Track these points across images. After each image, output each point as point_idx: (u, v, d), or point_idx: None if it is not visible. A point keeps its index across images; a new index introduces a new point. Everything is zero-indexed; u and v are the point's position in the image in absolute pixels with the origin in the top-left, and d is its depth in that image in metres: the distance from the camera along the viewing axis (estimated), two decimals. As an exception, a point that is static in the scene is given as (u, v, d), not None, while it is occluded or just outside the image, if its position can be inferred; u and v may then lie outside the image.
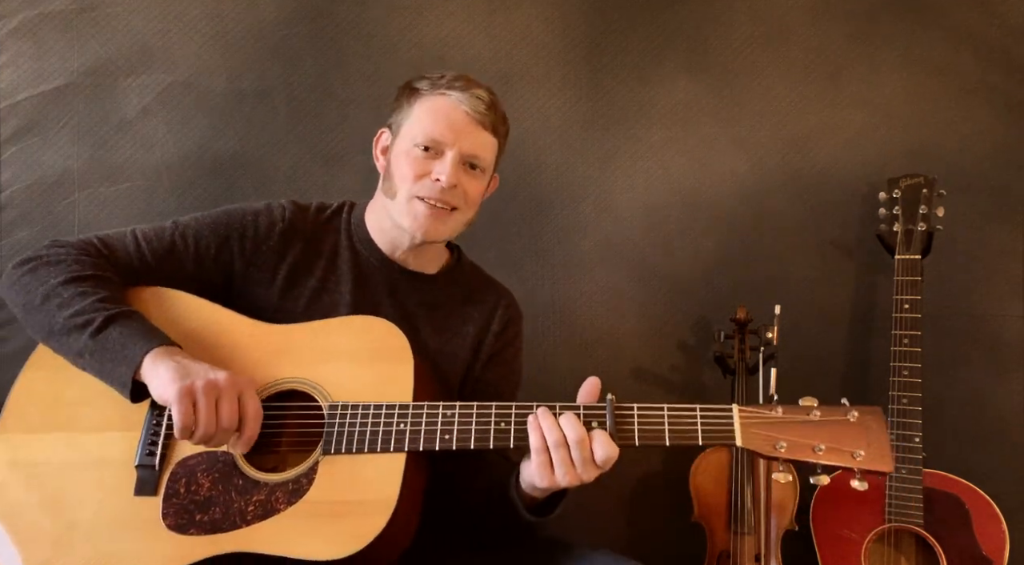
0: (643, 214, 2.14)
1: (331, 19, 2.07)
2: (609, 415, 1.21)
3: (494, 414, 1.24)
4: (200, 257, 1.41)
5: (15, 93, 2.00)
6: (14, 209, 2.00)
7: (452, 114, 1.40)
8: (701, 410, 1.21)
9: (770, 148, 2.15)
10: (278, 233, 1.44)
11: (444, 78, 1.43)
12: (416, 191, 1.39)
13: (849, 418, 1.18)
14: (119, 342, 1.22)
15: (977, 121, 2.14)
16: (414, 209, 1.40)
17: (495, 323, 1.53)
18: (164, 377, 1.19)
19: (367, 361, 1.31)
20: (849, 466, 1.16)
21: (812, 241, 2.14)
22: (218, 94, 2.04)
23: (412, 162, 1.39)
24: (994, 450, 2.09)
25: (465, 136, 1.40)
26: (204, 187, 2.04)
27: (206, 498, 1.23)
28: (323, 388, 1.29)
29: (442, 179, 1.38)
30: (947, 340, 2.09)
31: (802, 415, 1.19)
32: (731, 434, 1.19)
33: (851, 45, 2.15)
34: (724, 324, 2.01)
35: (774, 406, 1.20)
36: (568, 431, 1.18)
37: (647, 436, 1.21)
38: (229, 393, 1.20)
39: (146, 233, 1.41)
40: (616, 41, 2.13)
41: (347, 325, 1.36)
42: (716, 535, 1.92)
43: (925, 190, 1.94)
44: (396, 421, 1.24)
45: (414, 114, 1.42)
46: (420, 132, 1.40)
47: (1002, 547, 1.77)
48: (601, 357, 2.12)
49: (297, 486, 1.22)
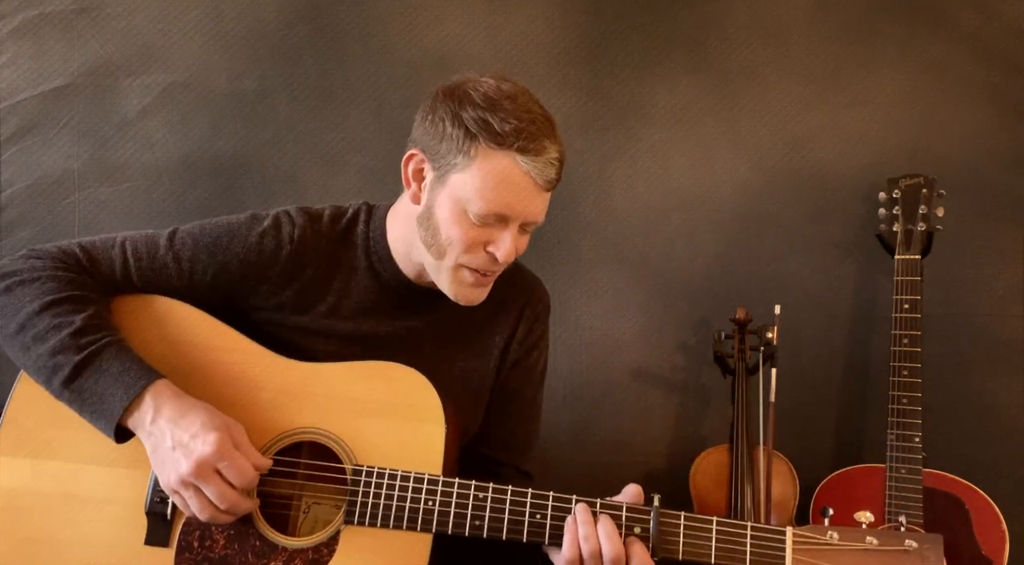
0: (643, 214, 2.14)
1: (331, 19, 2.07)
2: (653, 522, 1.13)
3: (529, 503, 1.16)
4: (195, 282, 1.28)
5: (15, 93, 2.00)
6: (14, 209, 2.00)
7: (522, 185, 1.18)
8: (752, 529, 1.13)
9: (770, 148, 2.15)
10: (285, 257, 1.30)
11: (509, 123, 1.16)
12: (465, 261, 1.23)
13: (907, 548, 1.11)
14: (94, 393, 1.14)
15: (977, 121, 2.14)
16: (460, 277, 1.25)
17: (520, 329, 1.42)
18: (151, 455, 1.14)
19: (395, 417, 1.22)
20: None
21: (812, 241, 2.14)
22: (218, 94, 2.04)
23: (467, 229, 1.20)
24: (994, 450, 2.09)
25: (531, 206, 1.21)
26: (204, 187, 2.04)
27: (221, 557, 1.18)
28: (346, 444, 1.21)
29: (499, 255, 1.21)
30: (947, 340, 2.08)
31: (859, 541, 1.12)
32: (782, 560, 1.11)
33: (851, 45, 2.15)
34: (724, 324, 2.01)
35: (828, 528, 1.13)
36: (605, 545, 1.10)
37: (692, 550, 1.13)
38: (204, 480, 1.11)
39: (137, 248, 1.28)
40: (616, 41, 2.13)
41: (375, 372, 1.25)
42: (716, 535, 1.91)
43: (925, 190, 1.93)
44: (424, 498, 1.17)
45: (473, 171, 1.17)
46: (482, 202, 1.18)
47: (1002, 547, 1.77)
48: (601, 357, 2.11)
49: (318, 556, 1.17)
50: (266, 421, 1.22)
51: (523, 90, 1.24)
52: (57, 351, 1.15)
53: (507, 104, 1.19)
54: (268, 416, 1.22)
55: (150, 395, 1.14)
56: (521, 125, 1.16)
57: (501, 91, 1.21)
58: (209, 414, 1.15)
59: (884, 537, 1.12)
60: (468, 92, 1.21)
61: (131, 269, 1.27)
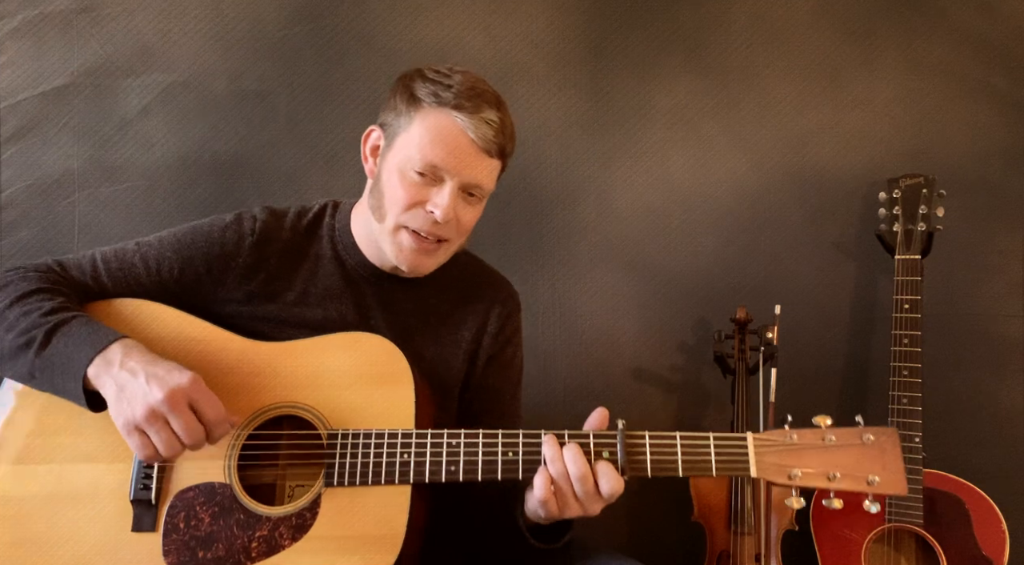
0: (643, 214, 2.14)
1: (331, 19, 2.07)
2: (620, 445, 1.16)
3: (501, 443, 1.19)
4: (163, 280, 1.32)
5: (15, 93, 2.00)
6: (14, 209, 2.00)
7: (456, 140, 1.25)
8: (715, 439, 1.17)
9: (770, 148, 2.15)
10: (248, 247, 1.34)
11: (451, 88, 1.26)
12: (405, 220, 1.28)
13: (864, 441, 1.16)
14: (64, 355, 1.15)
15: (977, 121, 2.14)
16: (400, 240, 1.30)
17: (491, 324, 1.45)
18: (109, 402, 1.13)
19: (366, 384, 1.25)
20: (863, 491, 1.15)
21: (812, 241, 2.14)
22: (218, 94, 2.04)
23: (406, 186, 1.27)
24: (994, 450, 2.09)
25: (468, 166, 1.26)
26: (204, 187, 2.04)
27: (207, 534, 1.19)
28: (320, 414, 1.24)
29: (437, 212, 1.26)
30: (947, 340, 2.09)
31: (817, 439, 1.16)
32: (746, 464, 1.16)
33: (851, 45, 2.15)
34: (724, 324, 2.01)
35: (788, 431, 1.17)
36: (571, 466, 1.14)
37: (660, 466, 1.17)
38: (177, 410, 1.11)
39: (106, 256, 1.33)
40: (616, 41, 2.13)
41: (343, 344, 1.28)
42: (716, 535, 1.92)
43: (925, 190, 1.94)
44: (400, 451, 1.20)
45: (413, 129, 1.27)
46: (418, 154, 1.25)
47: (1002, 547, 1.77)
48: (601, 357, 2.12)
49: (301, 521, 1.19)
50: (241, 402, 1.25)
51: (479, 77, 1.31)
52: (28, 329, 1.17)
53: (456, 78, 1.28)
54: (243, 397, 1.25)
55: (119, 345, 1.15)
56: (462, 90, 1.26)
57: (454, 71, 1.30)
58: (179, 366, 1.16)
59: (841, 434, 1.16)
60: (422, 70, 1.31)
61: (101, 272, 1.31)
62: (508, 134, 1.30)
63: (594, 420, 1.21)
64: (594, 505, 1.16)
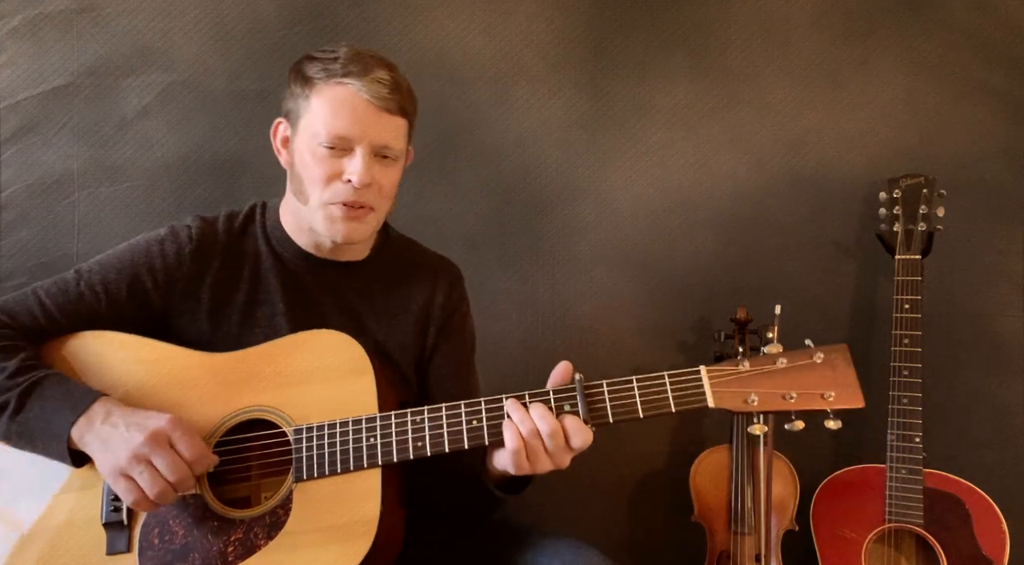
0: (643, 214, 2.14)
1: (331, 19, 2.06)
2: (580, 397, 1.19)
3: (464, 412, 1.21)
4: (113, 302, 1.32)
5: (15, 93, 2.00)
6: (14, 209, 2.00)
7: (354, 105, 1.27)
8: (669, 376, 1.20)
9: (770, 148, 2.15)
10: (188, 255, 1.36)
11: (337, 60, 1.29)
12: (327, 197, 1.30)
13: (815, 360, 1.18)
14: (42, 419, 1.18)
15: (977, 121, 2.14)
16: (329, 214, 1.31)
17: (437, 295, 1.47)
18: (95, 456, 1.16)
19: (325, 378, 1.26)
20: (821, 408, 1.16)
21: (812, 241, 2.14)
22: (218, 94, 2.04)
23: (319, 163, 1.29)
24: (994, 450, 2.09)
25: (372, 127, 1.28)
26: (204, 187, 2.03)
27: (182, 546, 1.19)
28: (284, 413, 1.25)
29: (354, 179, 1.28)
30: (947, 340, 2.09)
31: (768, 364, 1.19)
32: (702, 396, 1.18)
33: (851, 45, 2.15)
34: (724, 324, 2.01)
35: (740, 360, 1.19)
36: (540, 424, 1.16)
37: (620, 412, 1.19)
38: (158, 449, 1.14)
39: (48, 290, 1.32)
40: (616, 41, 2.13)
41: (299, 343, 1.29)
42: (716, 535, 1.92)
43: (925, 190, 1.94)
44: (365, 436, 1.21)
45: (312, 107, 1.29)
46: (323, 129, 1.28)
47: (1002, 547, 1.77)
48: (601, 357, 2.11)
49: (275, 519, 1.19)
50: (207, 413, 1.26)
51: (365, 48, 1.34)
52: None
53: (341, 51, 1.31)
54: (208, 408, 1.26)
55: (100, 405, 1.19)
56: (348, 58, 1.29)
57: (339, 46, 1.33)
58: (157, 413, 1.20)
59: (792, 356, 1.19)
60: (309, 53, 1.34)
61: (51, 310, 1.31)
62: (404, 91, 1.32)
63: (557, 374, 1.23)
64: (564, 458, 1.19)
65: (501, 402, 1.20)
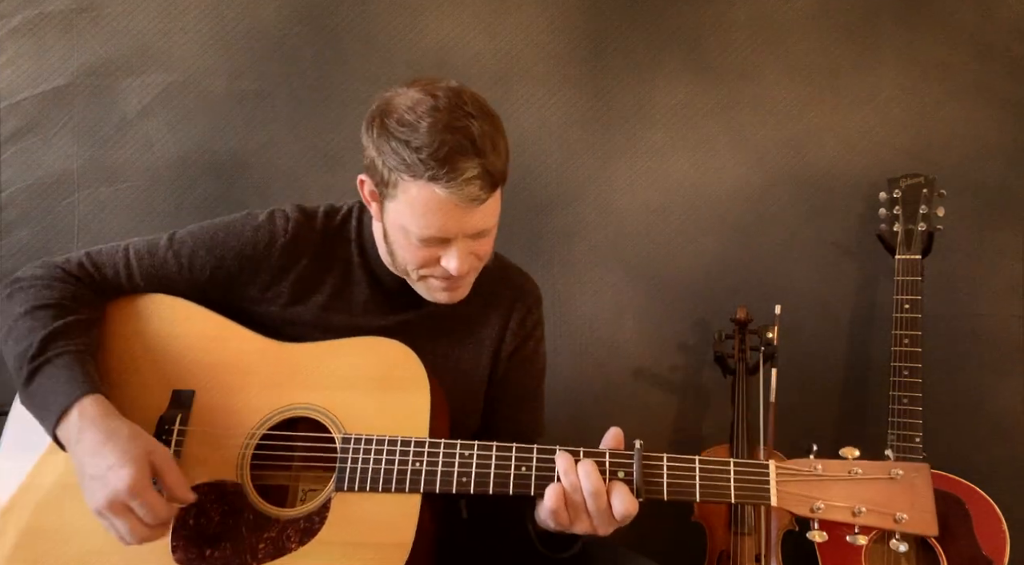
0: (643, 214, 2.14)
1: (331, 19, 2.07)
2: (637, 465, 1.14)
3: (514, 458, 1.17)
4: (195, 278, 1.32)
5: (15, 93, 2.00)
6: (14, 209, 2.00)
7: (446, 209, 1.16)
8: (735, 465, 1.14)
9: (770, 148, 2.15)
10: (280, 247, 1.33)
11: (419, 151, 1.13)
12: (425, 273, 1.26)
13: (893, 476, 1.10)
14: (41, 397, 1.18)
15: (977, 121, 2.14)
16: (429, 285, 1.28)
17: (513, 320, 1.43)
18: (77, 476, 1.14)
19: (382, 389, 1.24)
20: (890, 529, 1.09)
21: (812, 241, 2.14)
22: (218, 94, 2.04)
23: (414, 251, 1.23)
24: (994, 450, 2.09)
25: (466, 223, 1.19)
26: (204, 187, 2.04)
27: (216, 533, 1.19)
28: (335, 416, 1.24)
29: (452, 270, 1.22)
30: (947, 340, 2.09)
31: (843, 472, 1.11)
32: (766, 492, 1.12)
33: (851, 45, 2.15)
34: (724, 324, 2.01)
35: (813, 461, 1.12)
36: (584, 481, 1.11)
37: (676, 490, 1.14)
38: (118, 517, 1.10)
39: (139, 251, 1.33)
40: (616, 41, 2.13)
41: (361, 348, 1.28)
42: (716, 535, 1.91)
43: (925, 190, 1.93)
44: (412, 459, 1.18)
45: (400, 201, 1.19)
46: (414, 228, 1.20)
47: (1003, 547, 1.77)
48: (601, 357, 2.11)
49: (309, 524, 1.18)
50: (259, 402, 1.26)
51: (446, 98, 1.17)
52: (23, 354, 1.20)
53: (423, 124, 1.15)
54: (260, 397, 1.25)
55: (77, 409, 1.15)
56: (433, 150, 1.13)
57: (417, 110, 1.16)
58: (130, 441, 1.13)
59: (869, 466, 1.11)
60: (385, 121, 1.19)
61: (134, 270, 1.32)
62: (497, 170, 1.19)
63: (609, 440, 1.18)
64: (606, 525, 1.13)
65: (553, 453, 1.16)
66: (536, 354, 1.47)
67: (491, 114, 1.21)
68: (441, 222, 1.18)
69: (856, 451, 1.13)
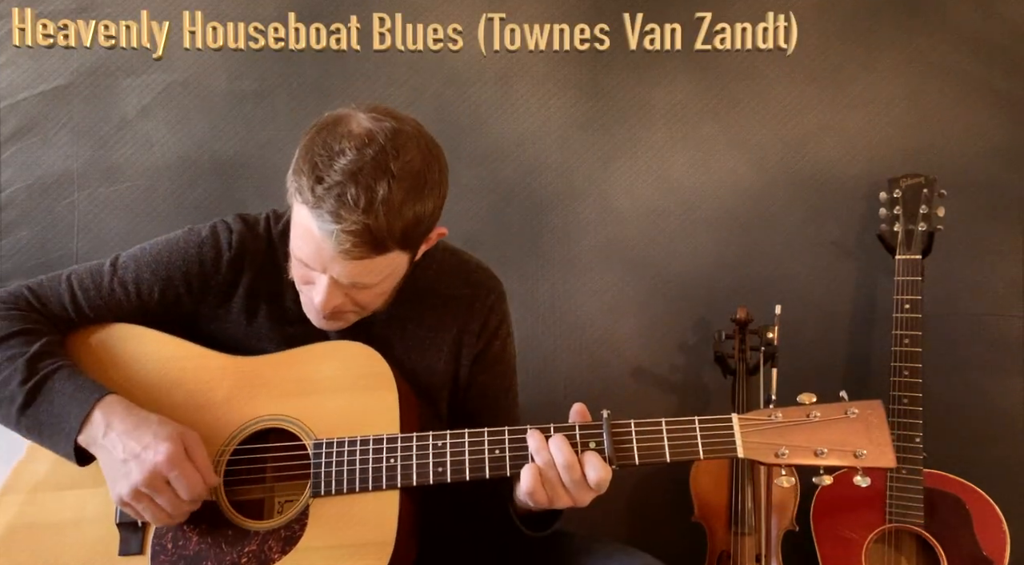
0: (643, 214, 2.14)
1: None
2: (606, 434, 1.17)
3: (487, 441, 1.18)
4: (144, 303, 1.30)
5: (15, 93, 2.00)
6: (14, 209, 2.00)
7: (317, 243, 1.14)
8: (700, 422, 1.17)
9: (770, 148, 2.15)
10: (226, 263, 1.31)
11: (322, 181, 1.11)
12: (303, 289, 1.25)
13: (849, 415, 1.16)
14: (51, 415, 1.17)
15: (977, 121, 2.14)
16: (303, 303, 1.27)
17: (473, 321, 1.38)
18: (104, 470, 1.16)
19: (348, 391, 1.23)
20: (852, 465, 1.14)
21: (812, 241, 2.14)
22: (218, 94, 2.04)
23: (295, 265, 1.22)
24: (994, 450, 2.09)
25: (337, 269, 1.17)
26: (204, 187, 2.04)
27: (195, 553, 1.19)
28: (304, 424, 1.23)
29: (315, 301, 1.20)
30: (947, 340, 2.08)
31: (801, 416, 1.16)
32: (732, 445, 1.15)
33: (851, 45, 2.15)
34: (724, 324, 2.01)
35: (773, 410, 1.17)
36: (557, 455, 1.14)
37: (647, 454, 1.17)
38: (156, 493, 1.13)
39: (82, 280, 1.30)
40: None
41: (322, 353, 1.27)
42: (716, 535, 1.91)
43: (925, 190, 1.93)
44: (386, 456, 1.19)
45: (294, 211, 1.19)
46: (293, 245, 1.21)
47: (1003, 547, 1.77)
48: (601, 357, 2.11)
49: (290, 533, 1.18)
50: (225, 418, 1.24)
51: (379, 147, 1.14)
52: (9, 381, 1.18)
53: (339, 162, 1.12)
54: (226, 413, 1.24)
55: (100, 410, 1.16)
56: (328, 187, 1.11)
57: (345, 145, 1.14)
58: (161, 424, 1.17)
59: (826, 409, 1.16)
60: (317, 136, 1.18)
61: (80, 304, 1.29)
62: (388, 231, 1.12)
63: (575, 415, 1.21)
64: (583, 494, 1.16)
65: (524, 433, 1.18)
66: (504, 353, 1.44)
67: (416, 177, 1.15)
68: (310, 251, 1.16)
69: (813, 396, 1.18)
